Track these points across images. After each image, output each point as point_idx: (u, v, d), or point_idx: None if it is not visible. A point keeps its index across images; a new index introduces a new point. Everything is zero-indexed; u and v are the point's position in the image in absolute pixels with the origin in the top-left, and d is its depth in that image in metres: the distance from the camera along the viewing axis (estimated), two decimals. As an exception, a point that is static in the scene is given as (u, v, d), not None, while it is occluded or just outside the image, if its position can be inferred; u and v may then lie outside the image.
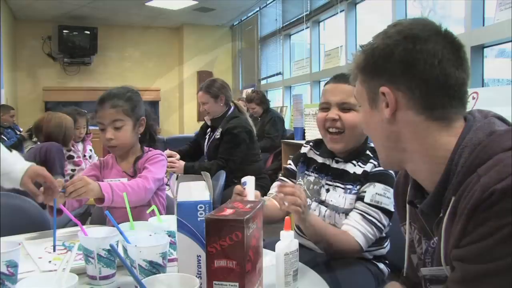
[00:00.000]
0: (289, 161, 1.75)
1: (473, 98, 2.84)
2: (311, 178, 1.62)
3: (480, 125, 0.88)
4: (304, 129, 4.57)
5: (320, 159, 1.64)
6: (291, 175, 1.72)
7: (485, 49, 3.41)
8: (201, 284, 0.97)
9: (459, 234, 0.81)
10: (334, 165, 1.58)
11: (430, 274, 0.99)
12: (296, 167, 1.70)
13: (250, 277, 0.89)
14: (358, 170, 1.51)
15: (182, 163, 3.20)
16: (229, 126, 3.23)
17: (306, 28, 6.27)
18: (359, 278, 1.44)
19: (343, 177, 1.54)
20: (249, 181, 1.36)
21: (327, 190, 1.56)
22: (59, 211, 1.64)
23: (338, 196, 1.52)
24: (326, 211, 1.54)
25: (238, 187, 1.38)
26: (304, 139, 4.46)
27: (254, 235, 0.92)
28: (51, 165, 2.90)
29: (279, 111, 6.42)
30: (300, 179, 1.67)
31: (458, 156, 0.86)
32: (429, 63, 0.89)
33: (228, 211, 0.90)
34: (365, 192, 1.47)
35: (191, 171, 3.15)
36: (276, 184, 1.73)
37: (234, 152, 3.19)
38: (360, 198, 1.48)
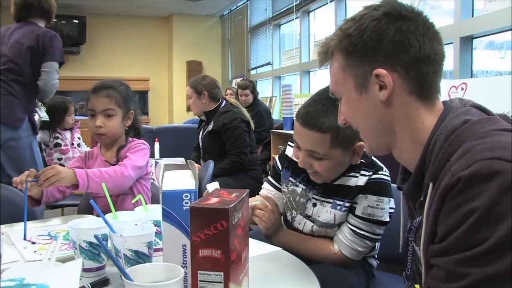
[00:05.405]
0: (276, 158, 1.64)
1: (462, 89, 2.85)
2: (298, 190, 1.51)
3: (457, 113, 0.89)
4: (293, 119, 4.57)
5: None
6: (277, 176, 1.61)
7: (474, 41, 3.42)
8: (186, 274, 0.97)
9: (433, 217, 0.82)
10: None
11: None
12: (282, 168, 1.59)
13: (235, 267, 0.89)
14: (353, 183, 1.40)
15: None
16: (225, 121, 3.24)
17: (296, 18, 6.23)
18: (349, 273, 1.42)
19: (336, 192, 1.43)
20: (212, 187, 1.38)
21: (314, 205, 1.47)
22: (37, 202, 1.65)
23: (326, 211, 1.43)
24: (313, 226, 1.47)
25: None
26: (293, 129, 4.45)
27: (239, 224, 0.91)
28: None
29: (268, 101, 6.41)
30: (284, 186, 1.58)
31: (434, 143, 0.88)
32: (421, 41, 0.91)
33: (213, 200, 0.89)
34: (356, 203, 1.39)
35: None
36: (264, 185, 1.67)
37: (240, 144, 3.22)
38: (351, 210, 1.40)
